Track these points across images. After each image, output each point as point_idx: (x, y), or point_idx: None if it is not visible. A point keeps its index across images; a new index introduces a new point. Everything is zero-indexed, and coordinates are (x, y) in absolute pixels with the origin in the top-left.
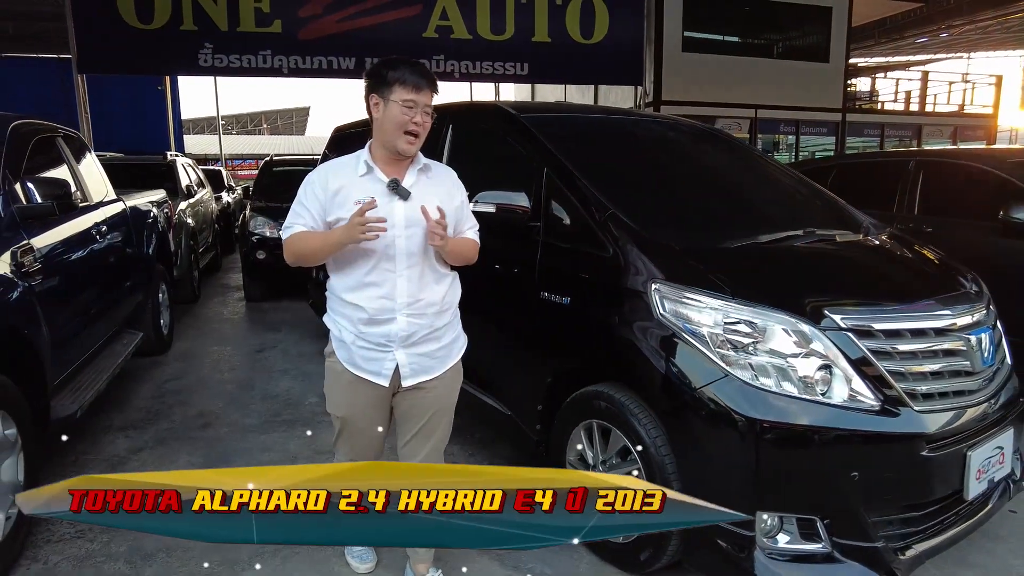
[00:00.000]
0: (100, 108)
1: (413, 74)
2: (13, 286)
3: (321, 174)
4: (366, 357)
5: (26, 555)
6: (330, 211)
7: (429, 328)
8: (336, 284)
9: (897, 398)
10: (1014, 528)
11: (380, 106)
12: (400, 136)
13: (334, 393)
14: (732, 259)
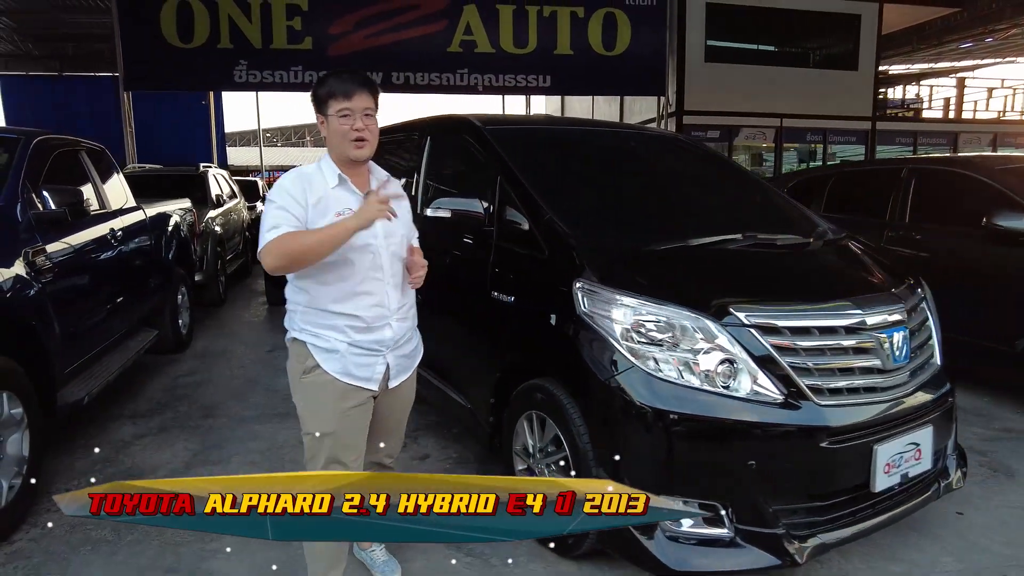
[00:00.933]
0: (150, 122)
1: (340, 83)
2: (25, 283)
3: (297, 183)
4: (359, 364)
5: (28, 520)
6: (311, 221)
7: (411, 330)
8: (320, 297)
9: (800, 392)
10: (955, 528)
11: (324, 123)
12: (347, 144)
13: (321, 409)
14: (655, 261)
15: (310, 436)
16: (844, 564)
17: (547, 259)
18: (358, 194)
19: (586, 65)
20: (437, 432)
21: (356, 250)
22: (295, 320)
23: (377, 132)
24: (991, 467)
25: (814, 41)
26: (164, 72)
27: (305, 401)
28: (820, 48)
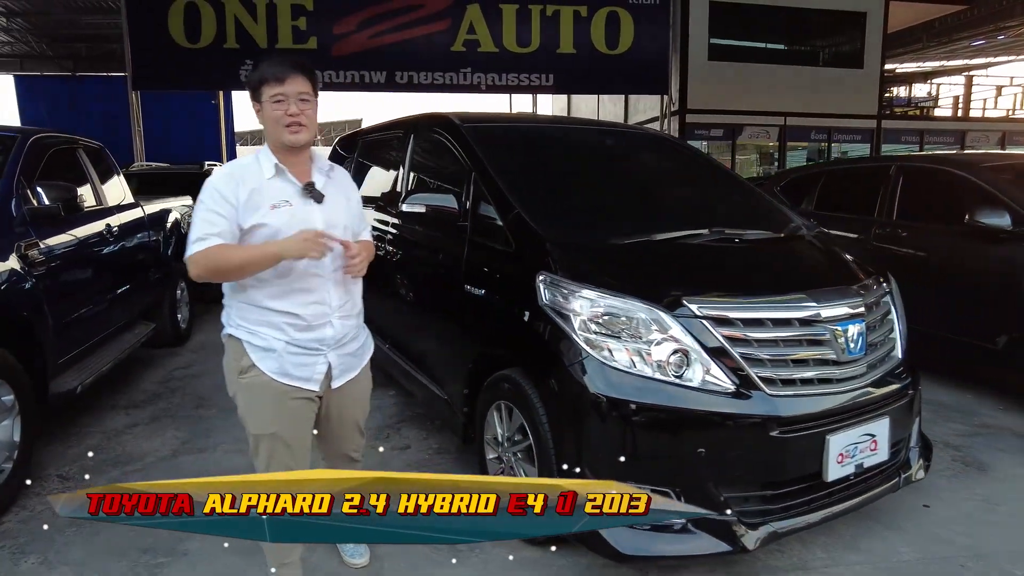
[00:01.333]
0: (160, 121)
1: (272, 67)
2: (18, 276)
3: (226, 179)
4: (297, 363)
5: (16, 503)
6: (243, 217)
7: (355, 329)
8: (257, 293)
9: (751, 382)
10: (919, 520)
11: (260, 111)
12: (281, 129)
13: (260, 410)
14: (618, 254)
15: (252, 436)
16: (804, 553)
17: (513, 252)
18: (296, 184)
19: (589, 64)
20: (420, 424)
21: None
22: (231, 316)
23: (315, 118)
24: (964, 462)
25: (819, 39)
26: (172, 72)
27: (243, 402)
28: (825, 46)
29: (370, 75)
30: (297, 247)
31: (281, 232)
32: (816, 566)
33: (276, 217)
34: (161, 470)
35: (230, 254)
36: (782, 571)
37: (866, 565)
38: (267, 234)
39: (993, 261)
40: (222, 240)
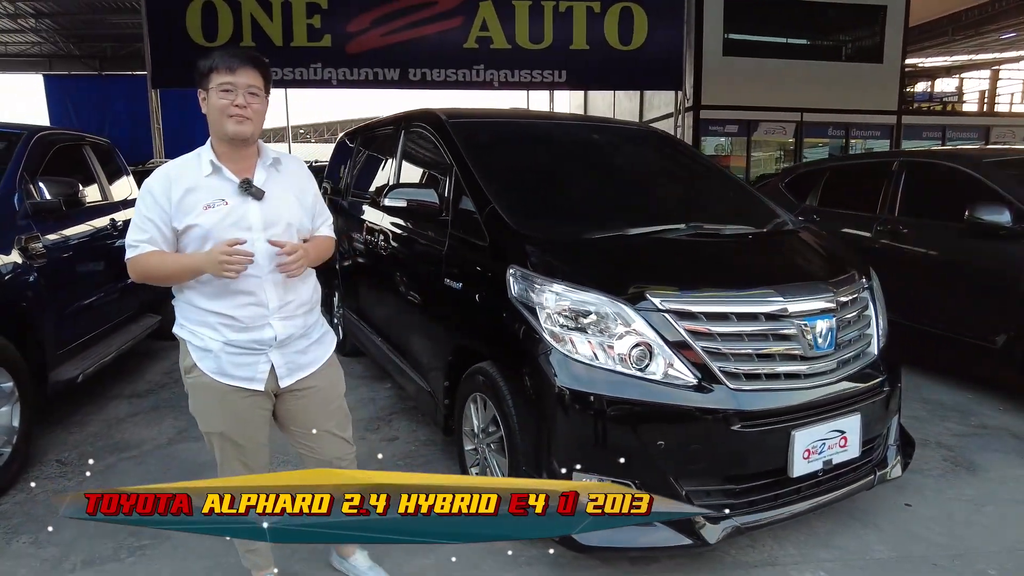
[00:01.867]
0: (182, 119)
1: (225, 57)
2: (18, 268)
3: (161, 180)
4: (236, 363)
5: (16, 486)
6: (177, 219)
7: (303, 328)
8: (192, 293)
9: (713, 376)
10: (899, 519)
11: (205, 99)
12: (225, 119)
13: (206, 410)
14: (589, 249)
15: (203, 432)
16: (776, 549)
17: (488, 246)
18: (233, 181)
19: (602, 60)
20: (410, 416)
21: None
22: (177, 315)
23: (262, 113)
24: (954, 462)
25: (836, 33)
26: (190, 70)
27: (193, 400)
28: (843, 40)
29: (383, 72)
30: (213, 266)
31: (213, 232)
32: (786, 562)
33: (208, 217)
34: (157, 457)
35: (157, 264)
36: (751, 566)
37: (837, 562)
38: (199, 234)
39: (992, 258)
40: (152, 247)
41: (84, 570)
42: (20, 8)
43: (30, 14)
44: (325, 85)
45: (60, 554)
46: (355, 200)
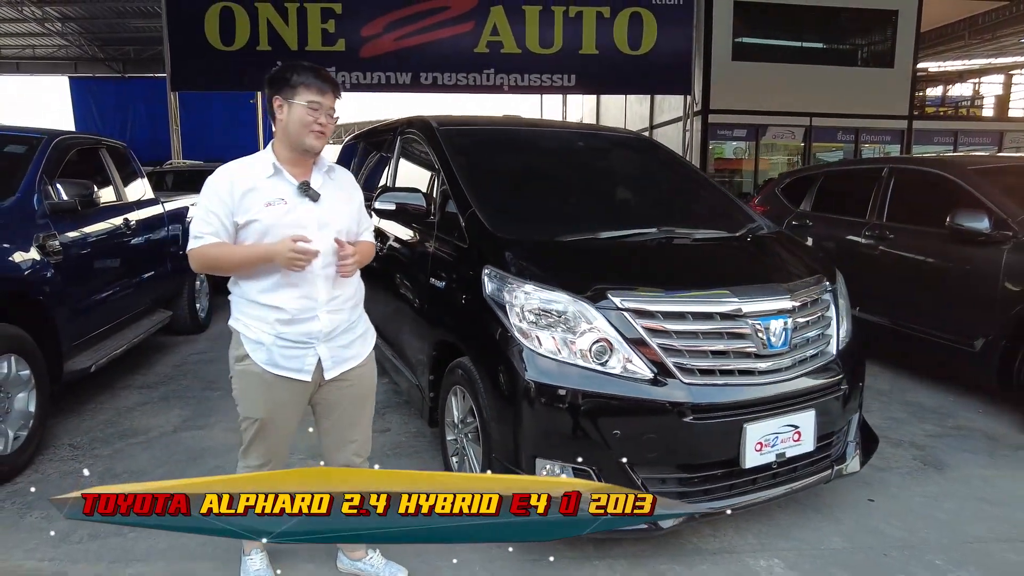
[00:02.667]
0: (202, 121)
1: (318, 79)
2: (36, 264)
3: (224, 178)
4: (287, 355)
5: (31, 466)
6: (239, 213)
7: (348, 322)
8: (247, 287)
9: (668, 371)
10: (859, 513)
11: (284, 108)
12: (307, 133)
13: (251, 396)
14: (559, 251)
15: (240, 416)
16: (736, 538)
17: (467, 248)
18: (293, 183)
19: (611, 64)
20: (403, 410)
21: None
22: (233, 308)
23: (331, 132)
24: (924, 460)
25: (847, 38)
26: (207, 74)
27: (239, 387)
28: (853, 45)
29: (396, 76)
30: (283, 258)
31: (273, 228)
32: (744, 550)
33: (269, 214)
34: (162, 444)
35: (222, 253)
36: (710, 553)
37: (792, 552)
38: (260, 229)
39: (972, 264)
40: (216, 238)
41: (90, 542)
42: (47, 13)
43: (57, 18)
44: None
45: (68, 528)
46: None
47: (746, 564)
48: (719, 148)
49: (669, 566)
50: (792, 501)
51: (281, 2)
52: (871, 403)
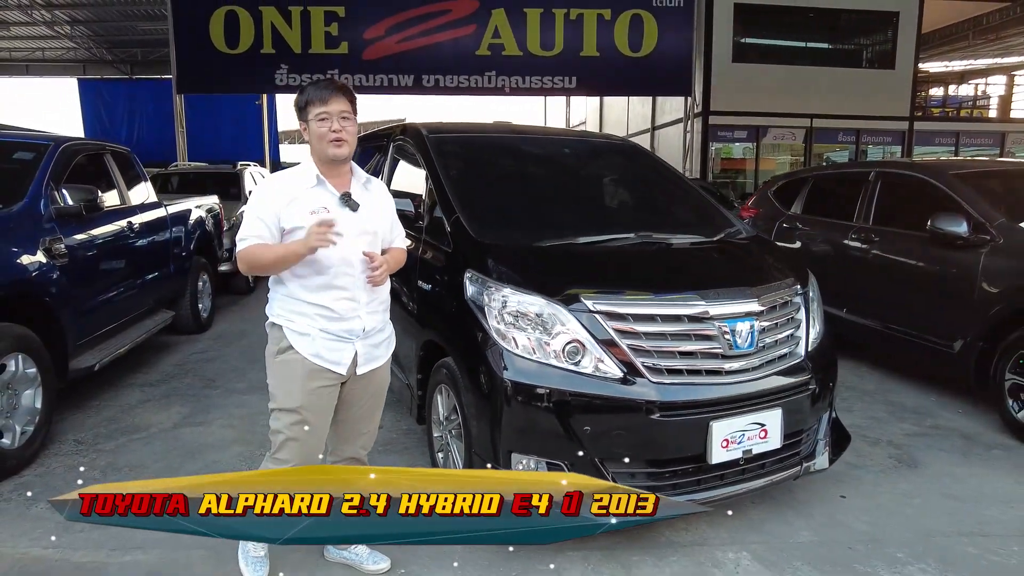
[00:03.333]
0: (207, 123)
1: (316, 89)
2: (42, 266)
3: (274, 187)
4: (330, 347)
5: (37, 460)
6: (285, 220)
7: (382, 322)
8: (296, 288)
9: (636, 370)
10: (830, 509)
11: (307, 130)
12: (326, 145)
13: (291, 386)
14: (536, 255)
15: (276, 411)
16: (708, 531)
17: (451, 252)
18: (335, 194)
19: (612, 66)
20: (396, 409)
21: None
22: (274, 307)
23: (355, 133)
24: (898, 459)
25: (848, 39)
26: (212, 76)
27: (277, 378)
28: (854, 46)
29: (398, 78)
30: (313, 239)
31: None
32: (715, 543)
33: (313, 221)
34: (162, 439)
35: (265, 251)
36: (682, 545)
37: (761, 544)
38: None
39: (951, 267)
40: (259, 240)
41: (91, 531)
42: (56, 16)
43: (66, 21)
44: None
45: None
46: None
47: (715, 556)
48: (727, 148)
49: (641, 558)
50: (766, 497)
51: (285, 5)
52: (854, 403)
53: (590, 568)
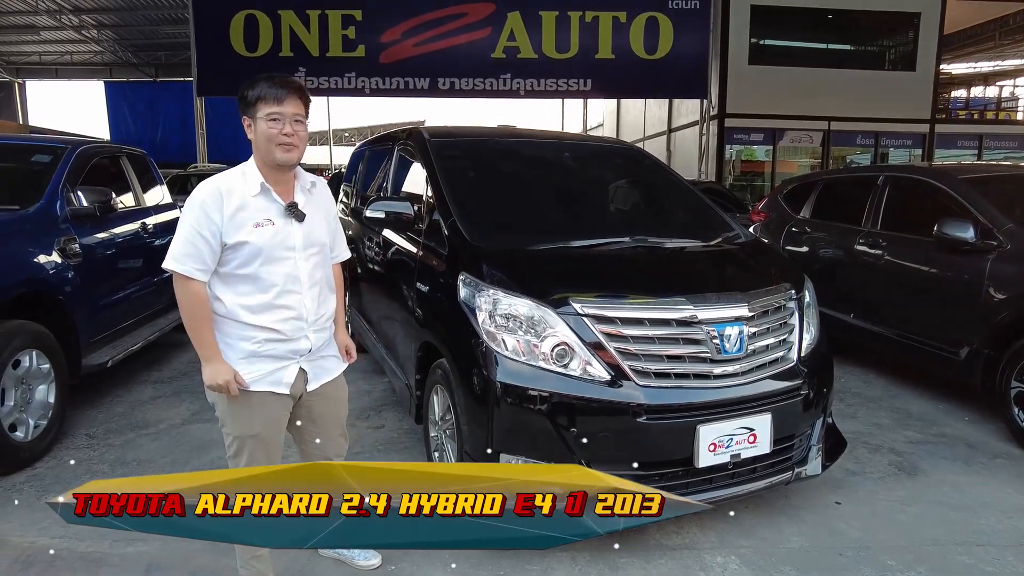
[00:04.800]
0: (229, 124)
1: (272, 87)
2: (57, 266)
3: (213, 195)
4: (271, 369)
5: (49, 453)
6: (228, 234)
7: (328, 341)
8: (236, 308)
9: (623, 373)
10: (825, 515)
11: (251, 126)
12: (274, 148)
13: (238, 415)
14: (529, 259)
15: (230, 437)
16: (699, 535)
17: (447, 255)
18: (279, 203)
19: (627, 69)
20: (399, 408)
21: (273, 262)
22: (218, 327)
23: (306, 138)
24: (899, 466)
25: (867, 41)
26: (232, 79)
27: (222, 407)
28: (874, 48)
29: (414, 81)
30: (213, 382)
31: (263, 250)
32: (704, 547)
33: (259, 236)
34: (170, 435)
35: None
36: (670, 548)
37: (749, 549)
38: (250, 251)
39: (957, 273)
40: (203, 275)
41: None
42: (84, 20)
43: (93, 26)
44: (358, 93)
45: None
46: (358, 207)
47: (703, 560)
48: (749, 151)
49: (628, 559)
50: (759, 501)
51: (303, 9)
52: (859, 409)
53: (578, 569)
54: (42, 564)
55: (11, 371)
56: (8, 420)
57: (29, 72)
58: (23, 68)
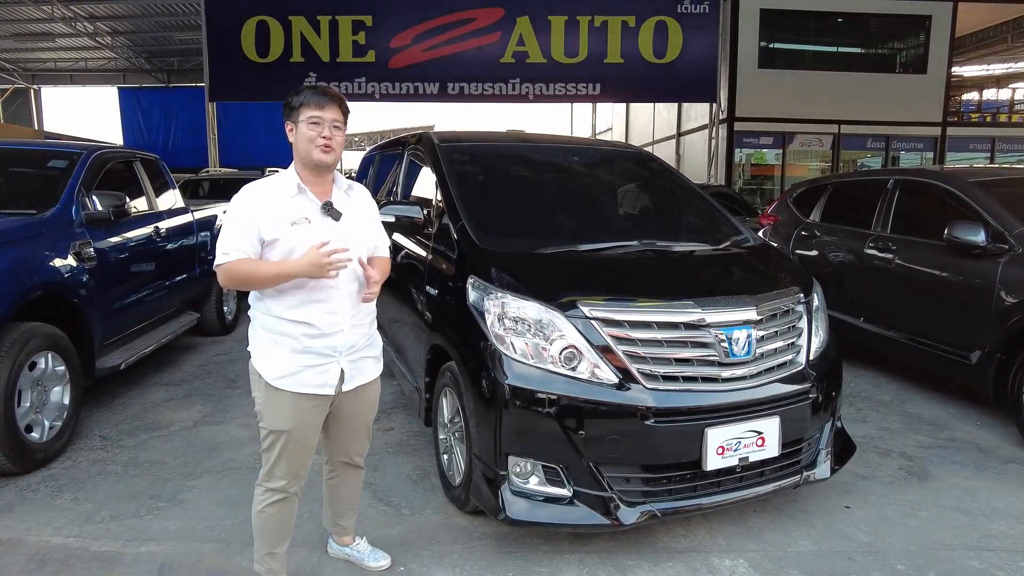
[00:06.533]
0: (242, 129)
1: (315, 95)
2: (72, 269)
3: (251, 196)
4: (314, 372)
5: (64, 454)
6: (265, 231)
7: (367, 336)
8: (274, 304)
9: (631, 376)
10: (833, 519)
11: (293, 130)
12: (313, 148)
13: (276, 410)
14: (538, 262)
15: (267, 431)
16: (707, 538)
17: (456, 258)
18: (316, 202)
19: (636, 73)
20: (409, 411)
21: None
22: (255, 324)
23: (343, 144)
24: (909, 471)
25: (878, 44)
26: (243, 84)
27: (264, 402)
28: (885, 51)
29: (424, 86)
30: (308, 270)
31: (298, 247)
32: (712, 550)
33: (295, 233)
34: (182, 437)
35: (249, 269)
36: (678, 551)
37: (758, 553)
38: (285, 248)
39: (968, 276)
40: (244, 255)
41: (111, 523)
42: (99, 27)
43: (107, 32)
44: (368, 99)
45: (93, 510)
46: None
47: (711, 563)
48: (759, 154)
49: (636, 562)
50: (768, 505)
51: (314, 15)
52: (869, 413)
53: (586, 571)
54: (57, 563)
55: (28, 373)
56: (24, 421)
57: (44, 78)
58: (39, 74)
